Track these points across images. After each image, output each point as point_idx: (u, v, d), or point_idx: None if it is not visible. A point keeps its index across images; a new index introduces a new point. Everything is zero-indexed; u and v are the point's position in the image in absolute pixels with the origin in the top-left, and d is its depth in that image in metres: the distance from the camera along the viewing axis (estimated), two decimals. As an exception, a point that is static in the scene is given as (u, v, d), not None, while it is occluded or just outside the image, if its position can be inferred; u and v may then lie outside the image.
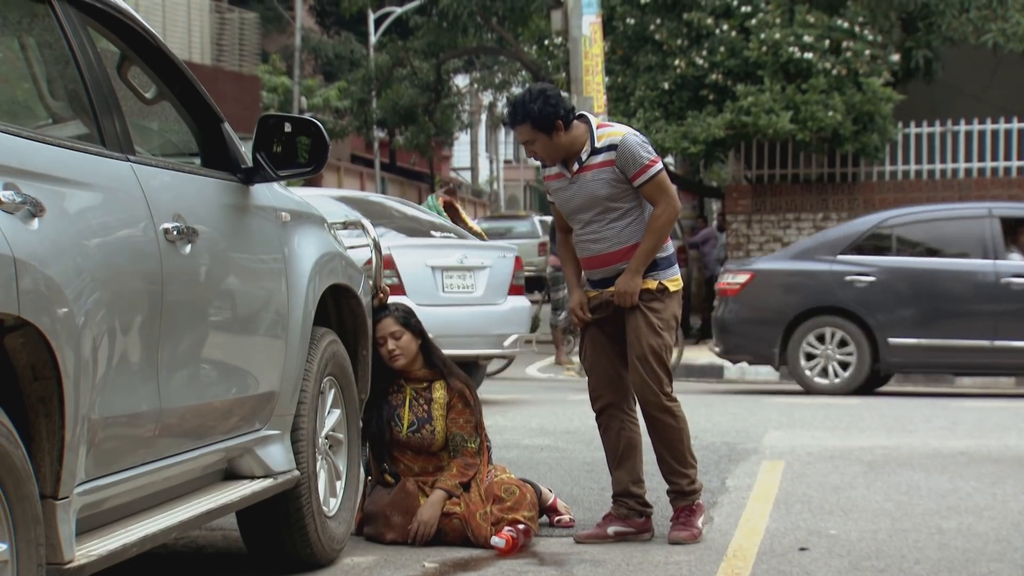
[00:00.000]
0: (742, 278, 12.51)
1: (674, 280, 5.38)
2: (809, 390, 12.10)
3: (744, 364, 13.78)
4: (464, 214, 12.92)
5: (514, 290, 10.56)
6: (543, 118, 5.21)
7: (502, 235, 31.06)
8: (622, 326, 5.35)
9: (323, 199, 9.40)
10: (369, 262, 5.86)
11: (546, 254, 19.14)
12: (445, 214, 12.45)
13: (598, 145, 5.26)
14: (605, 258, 5.35)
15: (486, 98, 45.80)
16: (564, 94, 5.41)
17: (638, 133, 5.36)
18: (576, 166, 5.30)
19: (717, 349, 12.90)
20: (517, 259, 10.76)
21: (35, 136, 3.34)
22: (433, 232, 10.57)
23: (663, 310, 5.32)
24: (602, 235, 5.34)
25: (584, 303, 5.43)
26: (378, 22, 33.29)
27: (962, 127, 17.05)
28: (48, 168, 3.29)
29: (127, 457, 3.64)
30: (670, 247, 5.43)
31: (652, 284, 5.31)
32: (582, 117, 5.36)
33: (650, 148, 5.29)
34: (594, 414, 5.51)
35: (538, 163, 5.55)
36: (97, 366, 3.34)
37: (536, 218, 32.89)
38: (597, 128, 5.31)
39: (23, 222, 3.09)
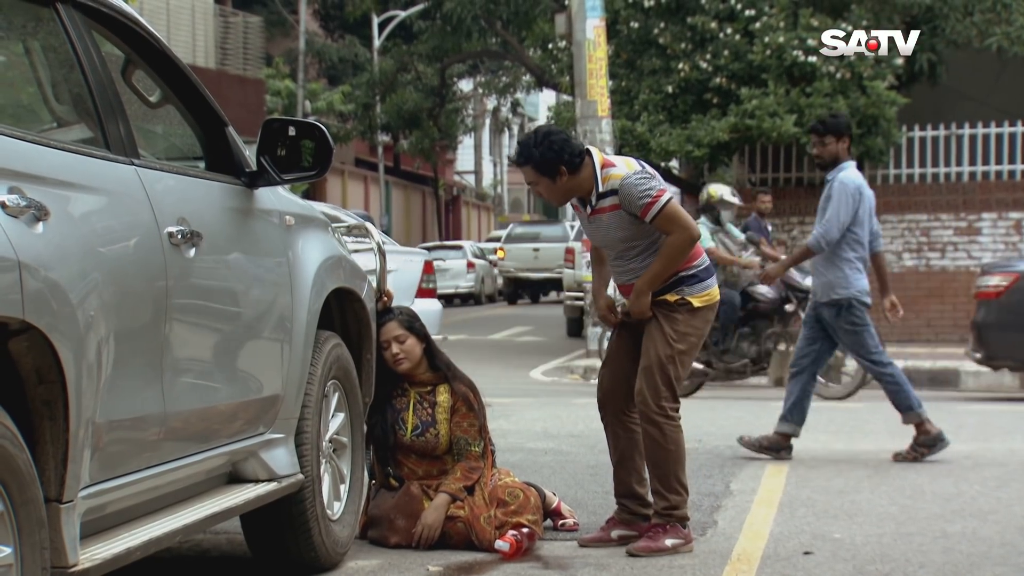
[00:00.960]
0: (1005, 280, 11.56)
1: (702, 296, 5.29)
2: None
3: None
4: None
5: (423, 293, 10.74)
6: (545, 163, 5.18)
7: (532, 239, 31.10)
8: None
9: None
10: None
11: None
12: None
13: (602, 189, 5.21)
14: (632, 287, 5.36)
15: (490, 102, 45.85)
16: (572, 137, 5.27)
17: (640, 168, 5.24)
18: (590, 209, 5.29)
19: (977, 355, 11.94)
20: (427, 263, 10.89)
21: (40, 140, 3.35)
22: (345, 237, 10.72)
23: (682, 322, 5.26)
24: (629, 267, 5.35)
25: (612, 305, 5.47)
26: (382, 26, 33.34)
27: (966, 130, 17.04)
28: (53, 172, 3.30)
29: (131, 461, 3.64)
30: (702, 263, 5.34)
31: (673, 298, 5.27)
32: (588, 153, 5.26)
33: (652, 183, 5.17)
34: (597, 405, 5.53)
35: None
36: (102, 369, 3.34)
37: (567, 223, 32.80)
38: (601, 169, 5.22)
39: (28, 226, 3.09)
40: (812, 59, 16.03)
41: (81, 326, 3.23)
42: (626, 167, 5.23)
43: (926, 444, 7.66)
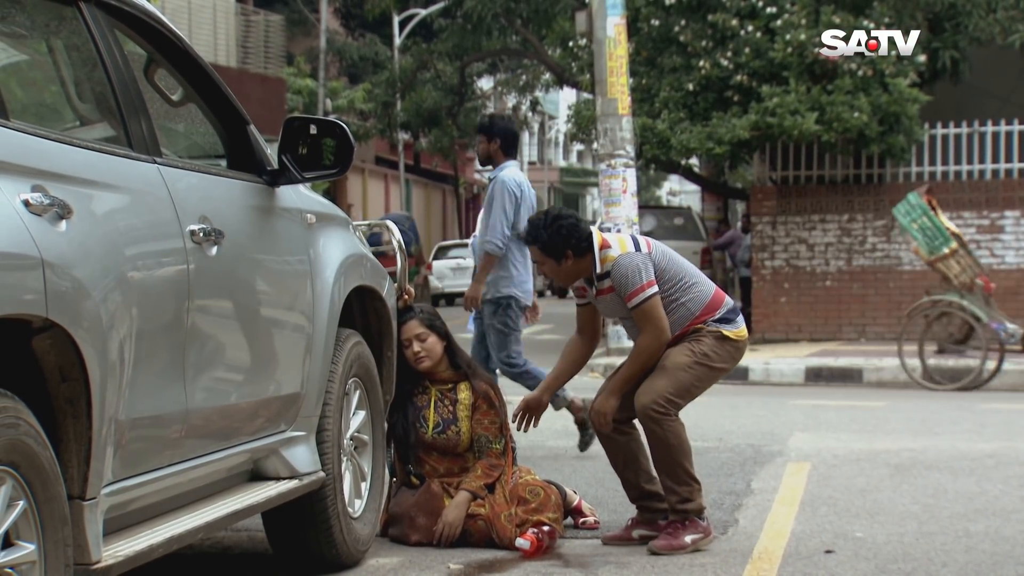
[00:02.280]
0: None
1: (732, 331, 5.28)
2: None
3: (769, 365, 13.72)
4: (940, 212, 12.88)
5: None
6: (551, 246, 5.24)
7: None
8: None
9: None
10: (394, 263, 5.88)
11: None
12: (931, 211, 12.47)
13: (600, 271, 5.27)
14: None
15: (510, 100, 45.79)
16: (582, 221, 5.28)
17: (632, 249, 5.24)
18: (594, 291, 5.33)
19: None
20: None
21: (63, 138, 3.37)
22: None
23: (707, 344, 5.24)
24: (635, 333, 5.38)
25: (537, 407, 5.45)
26: (402, 24, 33.37)
27: (989, 128, 16.95)
28: (76, 170, 3.31)
29: (154, 458, 3.66)
30: (726, 307, 5.31)
31: (702, 326, 5.26)
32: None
33: (643, 272, 5.17)
34: None
35: (563, 165, 5.54)
36: (124, 367, 3.36)
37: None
38: (600, 250, 5.26)
39: (51, 224, 3.10)
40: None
41: (104, 324, 3.24)
42: (619, 247, 5.26)
43: (582, 423, 7.54)
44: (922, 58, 16.36)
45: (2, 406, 2.94)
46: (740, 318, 5.39)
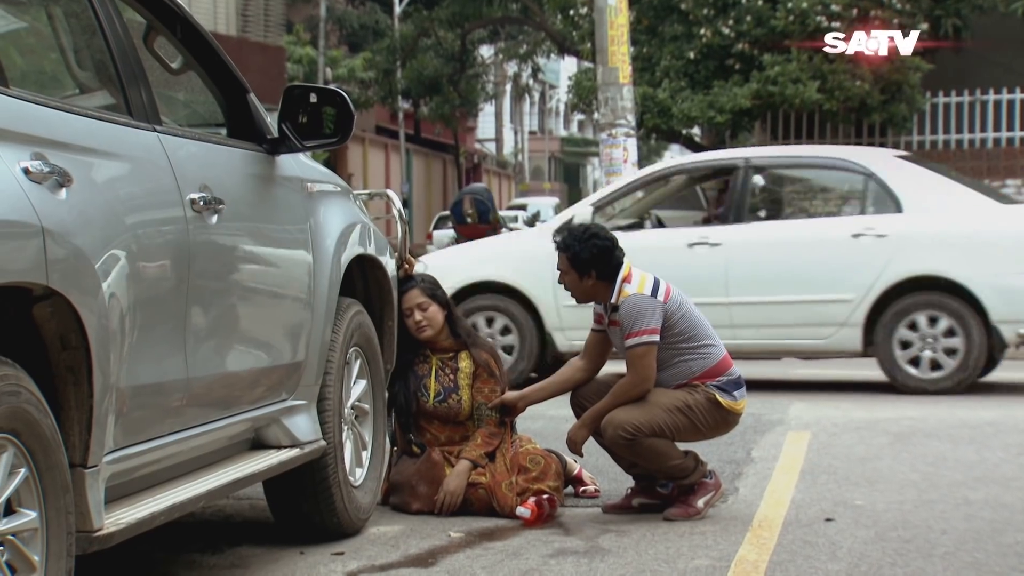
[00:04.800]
0: None
1: (727, 401, 5.21)
2: None
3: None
4: None
5: None
6: (579, 260, 5.22)
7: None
8: None
9: None
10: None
11: None
12: None
13: (614, 302, 5.24)
14: None
15: (511, 69, 45.68)
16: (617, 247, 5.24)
17: (652, 295, 5.18)
18: (607, 320, 5.32)
19: None
20: None
21: (62, 106, 3.36)
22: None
23: (699, 401, 5.19)
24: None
25: (513, 412, 5.46)
26: (403, -8, 33.23)
27: (991, 96, 16.90)
28: (75, 138, 3.30)
29: (155, 426, 3.66)
30: (729, 376, 5.25)
31: (701, 384, 5.22)
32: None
33: (649, 317, 5.12)
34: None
35: (564, 134, 5.52)
36: (125, 336, 3.36)
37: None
38: (621, 282, 5.23)
39: (51, 192, 3.10)
40: (836, 24, 15.90)
41: (104, 292, 3.24)
42: (637, 286, 5.22)
43: None
44: (924, 26, 16.29)
45: (3, 374, 2.94)
46: (741, 392, 5.29)
